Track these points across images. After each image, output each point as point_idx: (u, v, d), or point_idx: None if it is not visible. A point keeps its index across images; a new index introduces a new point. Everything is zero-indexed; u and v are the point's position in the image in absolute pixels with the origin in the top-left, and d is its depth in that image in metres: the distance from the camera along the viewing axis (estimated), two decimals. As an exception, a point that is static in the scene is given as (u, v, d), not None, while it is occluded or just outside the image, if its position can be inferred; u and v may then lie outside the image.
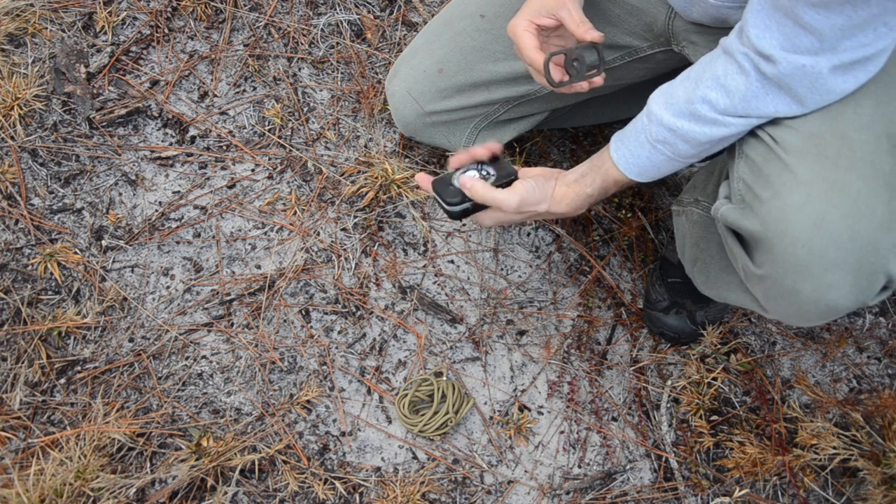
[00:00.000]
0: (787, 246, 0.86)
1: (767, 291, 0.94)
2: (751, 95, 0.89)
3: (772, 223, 0.87)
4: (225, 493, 1.21)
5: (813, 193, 0.85)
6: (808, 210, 0.84)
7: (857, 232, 0.83)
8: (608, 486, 1.30)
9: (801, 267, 0.86)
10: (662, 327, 1.39)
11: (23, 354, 1.27)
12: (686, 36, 1.13)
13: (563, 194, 1.06)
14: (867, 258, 0.84)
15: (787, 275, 0.88)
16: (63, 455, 1.18)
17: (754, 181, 0.92)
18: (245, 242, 1.41)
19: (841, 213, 0.83)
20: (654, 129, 0.96)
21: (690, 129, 0.93)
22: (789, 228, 0.85)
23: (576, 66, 1.03)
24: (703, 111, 0.91)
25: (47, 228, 1.37)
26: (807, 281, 0.87)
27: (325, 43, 1.60)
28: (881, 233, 0.84)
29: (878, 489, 1.28)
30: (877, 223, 0.84)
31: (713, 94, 0.91)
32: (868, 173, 0.84)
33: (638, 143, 0.99)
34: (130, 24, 1.57)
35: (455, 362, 1.36)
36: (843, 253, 0.84)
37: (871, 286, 0.87)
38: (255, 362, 1.32)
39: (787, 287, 0.89)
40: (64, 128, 1.45)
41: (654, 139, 0.97)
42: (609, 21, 1.19)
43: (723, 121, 0.91)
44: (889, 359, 1.45)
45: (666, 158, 0.98)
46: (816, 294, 0.87)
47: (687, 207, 1.14)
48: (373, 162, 1.47)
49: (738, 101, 0.90)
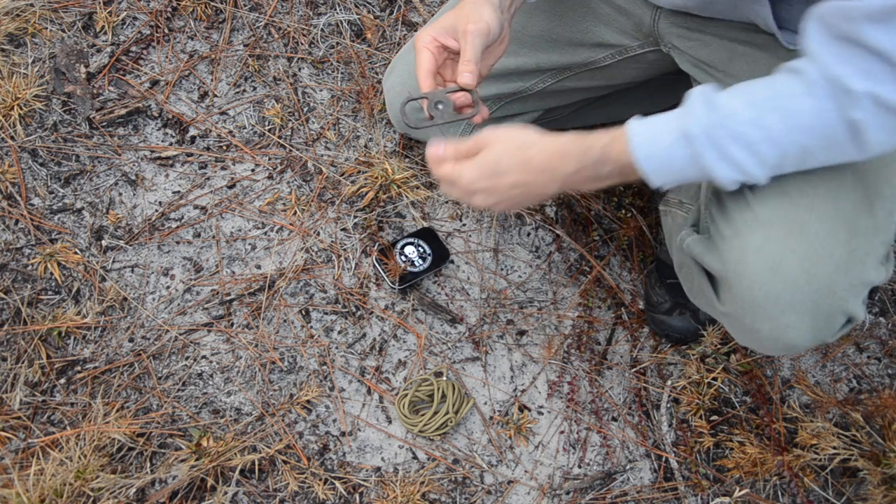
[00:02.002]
0: (745, 288, 0.87)
1: (731, 325, 0.96)
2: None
3: (731, 263, 0.88)
4: (225, 493, 1.21)
5: (771, 236, 0.85)
6: (766, 252, 0.85)
7: (814, 275, 0.84)
8: (608, 486, 1.30)
9: (758, 308, 0.87)
10: (668, 329, 1.39)
11: (23, 354, 1.27)
12: (670, 39, 1.13)
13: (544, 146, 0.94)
14: (824, 300, 0.85)
15: (745, 315, 0.89)
16: (63, 455, 1.18)
17: (718, 215, 0.92)
18: (245, 242, 1.41)
19: (798, 256, 0.84)
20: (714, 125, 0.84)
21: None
22: (747, 270, 0.86)
23: (440, 108, 0.99)
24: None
25: (47, 228, 1.37)
26: (765, 322, 0.88)
27: (325, 43, 1.60)
28: (838, 275, 0.84)
29: (878, 489, 1.28)
30: (834, 265, 0.84)
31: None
32: (828, 213, 0.85)
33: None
34: (130, 24, 1.57)
35: (455, 362, 1.36)
36: (799, 295, 0.85)
37: (830, 326, 0.88)
38: (255, 362, 1.32)
39: (747, 325, 0.91)
40: (64, 128, 1.45)
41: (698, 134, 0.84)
42: (600, 19, 1.19)
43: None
44: (889, 359, 1.45)
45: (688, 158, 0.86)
46: (775, 333, 0.89)
47: (672, 209, 1.14)
48: (373, 162, 1.47)
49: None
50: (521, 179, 0.90)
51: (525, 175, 0.90)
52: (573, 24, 1.21)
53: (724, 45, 1.06)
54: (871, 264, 0.88)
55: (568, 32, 1.22)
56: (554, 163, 0.89)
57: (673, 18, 1.11)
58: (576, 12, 1.21)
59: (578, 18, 1.21)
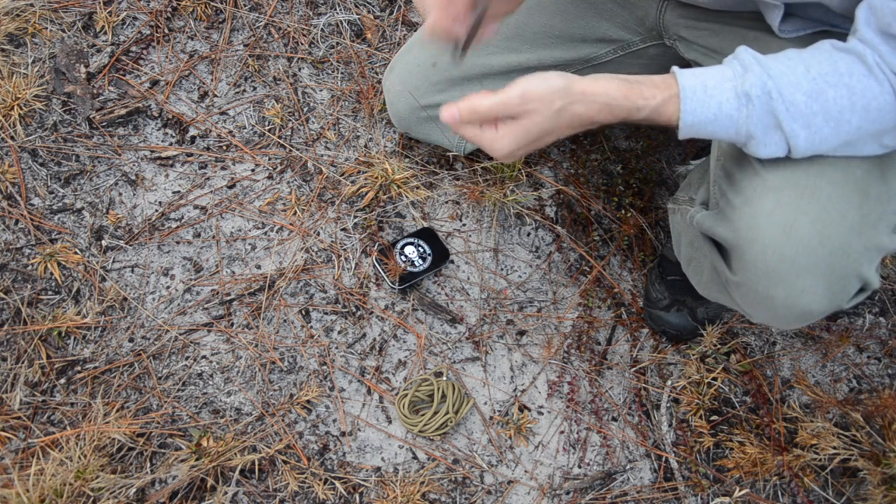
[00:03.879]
0: (758, 252, 0.86)
1: (744, 297, 0.94)
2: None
3: (742, 230, 0.88)
4: (225, 493, 1.21)
5: (782, 199, 0.84)
6: (778, 216, 0.84)
7: (828, 237, 0.83)
8: (608, 486, 1.30)
9: (772, 273, 0.86)
10: (664, 325, 1.39)
11: (23, 354, 1.27)
12: (676, 30, 1.13)
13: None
14: (839, 262, 0.84)
15: (759, 281, 0.88)
16: (63, 455, 1.18)
17: (728, 187, 0.92)
18: (245, 242, 1.41)
19: (810, 218, 0.83)
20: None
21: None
22: (759, 235, 0.86)
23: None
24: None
25: (47, 228, 1.37)
26: (779, 287, 0.87)
27: (325, 43, 1.60)
28: (852, 237, 0.84)
29: (878, 489, 1.28)
30: (847, 227, 0.83)
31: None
32: (839, 178, 0.84)
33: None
34: (130, 24, 1.57)
35: (455, 362, 1.36)
36: (813, 258, 0.84)
37: (845, 290, 0.87)
38: (255, 362, 1.32)
39: (761, 293, 0.89)
40: (64, 128, 1.45)
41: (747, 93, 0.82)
42: (601, 14, 1.19)
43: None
44: (889, 359, 1.45)
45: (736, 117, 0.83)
46: (790, 300, 0.88)
47: (682, 206, 1.15)
48: (373, 162, 1.47)
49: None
50: (564, 134, 0.88)
51: (568, 130, 0.87)
52: (575, 19, 1.22)
53: (734, 32, 1.06)
54: (884, 230, 0.87)
55: (569, 28, 1.22)
56: (599, 116, 0.85)
57: (680, 10, 1.11)
58: (577, 8, 1.21)
59: (580, 14, 1.21)
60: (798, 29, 0.96)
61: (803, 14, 0.96)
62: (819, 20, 0.96)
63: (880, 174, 0.87)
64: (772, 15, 0.95)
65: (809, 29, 0.97)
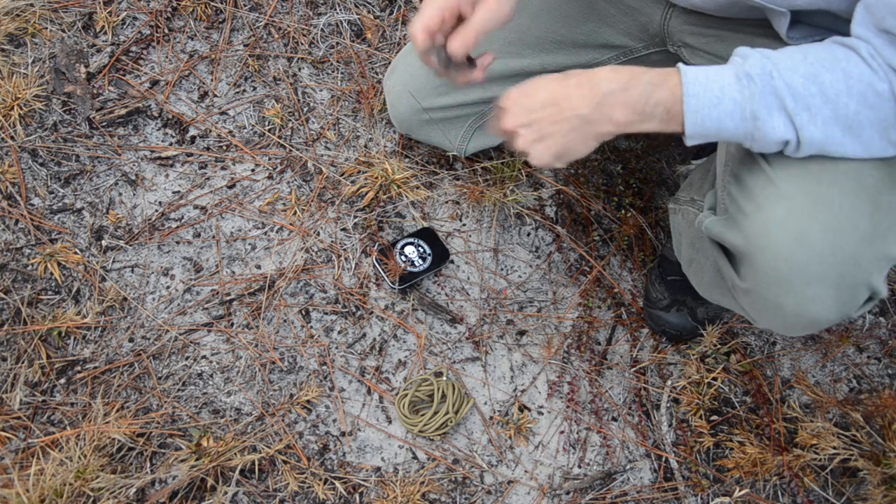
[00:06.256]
0: (769, 260, 0.86)
1: (753, 304, 0.95)
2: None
3: (754, 237, 0.88)
4: (225, 493, 1.21)
5: (795, 207, 0.84)
6: (790, 224, 0.84)
7: (839, 246, 0.83)
8: (608, 486, 1.30)
9: (783, 281, 0.86)
10: (664, 325, 1.39)
11: (23, 354, 1.27)
12: (681, 37, 1.13)
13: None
14: (849, 272, 0.84)
15: (769, 289, 0.88)
16: (63, 455, 1.18)
17: (739, 193, 0.92)
18: (245, 242, 1.41)
19: (822, 227, 0.83)
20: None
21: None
22: (771, 243, 0.86)
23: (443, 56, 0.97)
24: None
25: (47, 228, 1.37)
26: (789, 295, 0.87)
27: (325, 43, 1.60)
28: (863, 247, 0.84)
29: (878, 489, 1.28)
30: (859, 237, 0.84)
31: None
32: (851, 187, 0.84)
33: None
34: (130, 24, 1.57)
35: (455, 362, 1.36)
36: (824, 267, 0.84)
37: (854, 299, 0.87)
38: (255, 362, 1.32)
39: (771, 301, 0.90)
40: (64, 128, 1.45)
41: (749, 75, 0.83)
42: (604, 20, 1.19)
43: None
44: (889, 359, 1.45)
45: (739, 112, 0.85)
46: (799, 308, 0.88)
47: (683, 206, 1.14)
48: (373, 162, 1.47)
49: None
50: (582, 109, 0.93)
51: (580, 100, 0.93)
52: (577, 25, 1.21)
53: (740, 38, 1.05)
54: (894, 240, 0.87)
55: (572, 34, 1.22)
56: (604, 84, 0.92)
57: (686, 17, 1.11)
58: (580, 14, 1.21)
59: (583, 20, 1.21)
60: (806, 36, 0.96)
61: (810, 21, 0.96)
62: (827, 27, 0.95)
63: (891, 182, 0.87)
64: (779, 22, 0.95)
65: (818, 36, 0.96)
